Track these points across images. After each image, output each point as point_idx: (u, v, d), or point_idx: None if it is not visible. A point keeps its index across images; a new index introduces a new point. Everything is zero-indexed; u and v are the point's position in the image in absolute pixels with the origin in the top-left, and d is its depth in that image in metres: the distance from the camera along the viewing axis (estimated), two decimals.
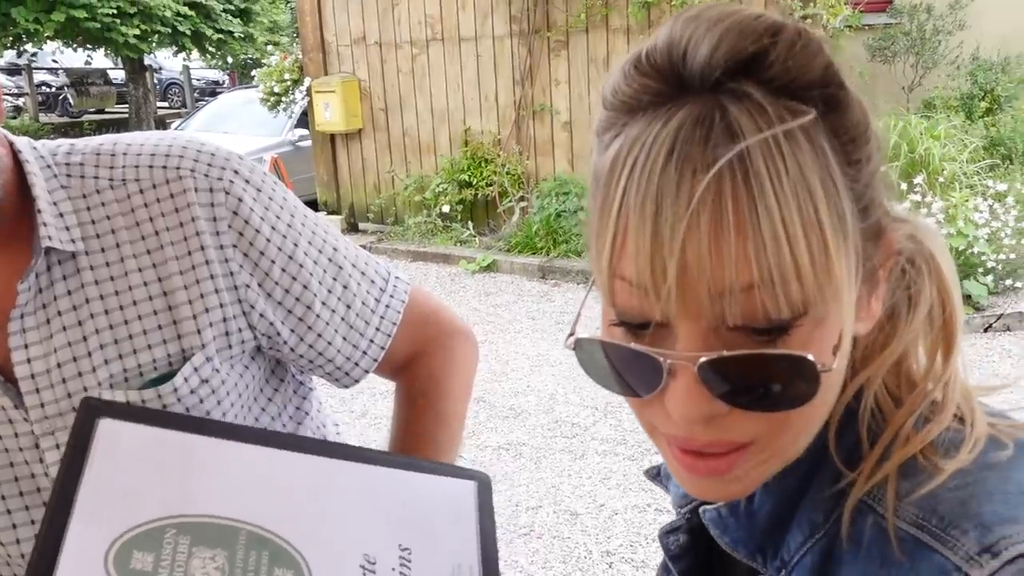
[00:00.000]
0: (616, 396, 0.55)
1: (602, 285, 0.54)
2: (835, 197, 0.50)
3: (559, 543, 3.30)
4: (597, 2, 7.08)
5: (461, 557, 0.80)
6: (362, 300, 1.02)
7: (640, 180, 0.50)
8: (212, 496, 0.70)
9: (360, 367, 1.04)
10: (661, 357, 0.52)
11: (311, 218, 1.01)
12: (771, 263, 0.48)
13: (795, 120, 0.50)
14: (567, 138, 7.56)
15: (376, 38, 8.41)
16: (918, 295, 0.61)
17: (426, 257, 7.75)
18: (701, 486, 0.58)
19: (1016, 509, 0.51)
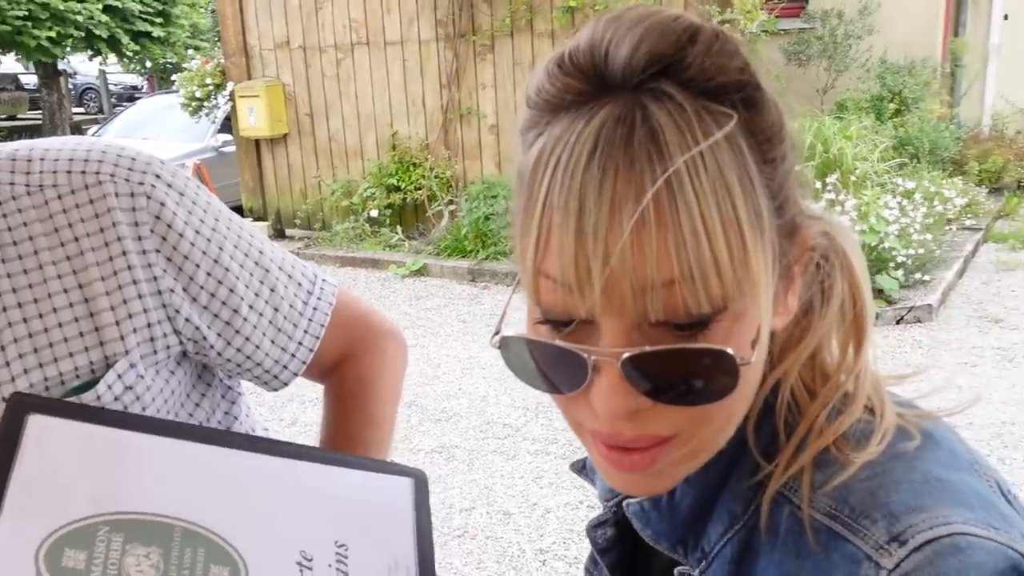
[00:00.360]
0: (546, 396, 0.57)
1: (527, 283, 0.55)
2: (752, 194, 0.52)
3: (493, 543, 3.34)
4: (522, 6, 7.14)
5: (398, 554, 0.79)
6: (289, 303, 1.01)
7: (563, 179, 0.51)
8: (145, 493, 0.69)
9: (289, 370, 1.03)
10: (586, 354, 0.52)
11: (236, 222, 1.00)
12: (691, 259, 0.49)
13: (713, 119, 0.51)
14: (494, 141, 7.61)
15: (300, 42, 8.32)
16: (831, 290, 0.62)
17: (355, 262, 7.71)
18: (625, 481, 0.58)
19: (922, 498, 0.53)
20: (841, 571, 0.53)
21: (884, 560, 0.51)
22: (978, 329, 5.26)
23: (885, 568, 0.50)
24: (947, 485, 0.54)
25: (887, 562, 0.50)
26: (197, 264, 0.93)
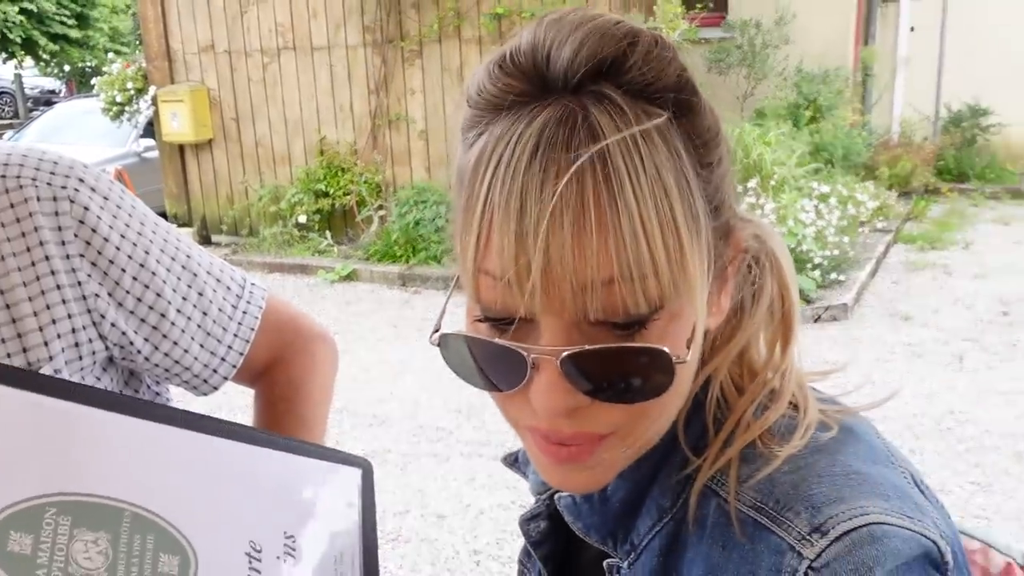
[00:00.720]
0: (479, 399, 0.58)
1: (467, 281, 0.55)
2: (689, 197, 0.52)
3: (427, 546, 3.36)
4: (449, 13, 7.19)
5: (344, 545, 0.79)
6: (218, 307, 1.00)
7: (504, 178, 0.51)
8: (96, 472, 0.65)
9: (219, 374, 1.02)
10: (525, 352, 0.53)
11: (162, 226, 0.98)
12: (631, 259, 0.49)
13: (651, 122, 0.52)
14: (424, 147, 7.63)
15: (225, 46, 8.21)
16: (761, 291, 0.64)
17: (283, 268, 7.63)
18: (562, 477, 0.59)
19: (842, 490, 0.54)
20: (766, 562, 0.54)
21: (806, 550, 0.52)
22: (890, 326, 5.50)
23: (807, 558, 0.52)
24: (865, 477, 0.55)
25: (809, 552, 0.52)
26: (123, 268, 0.91)
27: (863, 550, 0.51)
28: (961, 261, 6.94)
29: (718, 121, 0.58)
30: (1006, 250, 7.27)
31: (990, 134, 9.71)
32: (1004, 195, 9.34)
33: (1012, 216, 8.50)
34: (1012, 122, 9.54)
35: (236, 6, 8.07)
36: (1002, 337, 5.23)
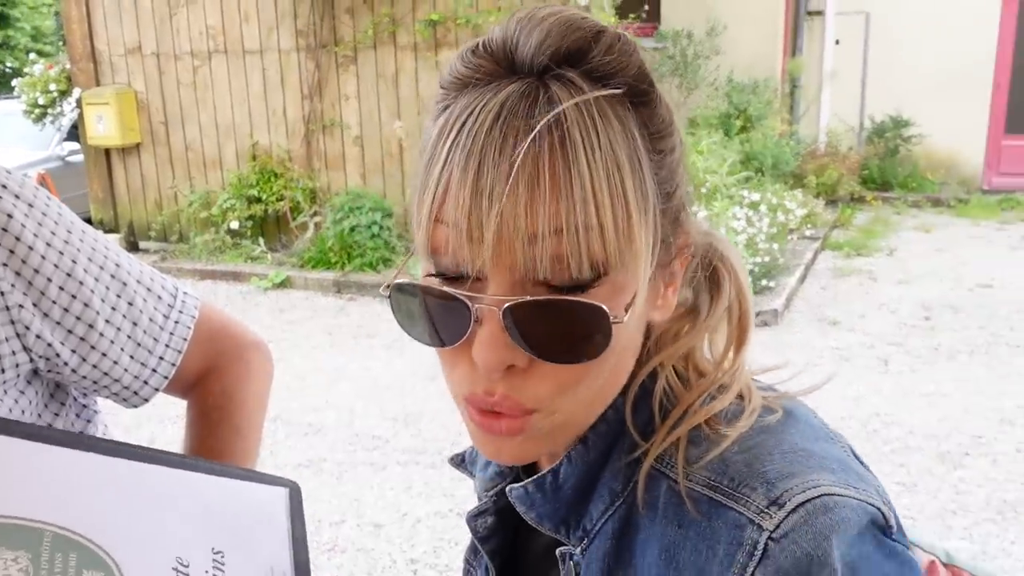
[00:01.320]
0: (416, 406, 0.59)
1: (421, 235, 0.57)
2: (640, 175, 0.56)
3: (364, 555, 3.33)
4: (384, 19, 7.15)
5: (274, 561, 0.79)
6: (149, 317, 0.98)
7: (466, 141, 0.54)
8: (15, 497, 0.66)
9: (149, 385, 1.00)
10: (470, 301, 0.55)
11: (90, 234, 0.96)
12: (579, 222, 0.53)
13: (608, 102, 0.55)
14: (359, 153, 7.57)
15: (153, 48, 8.03)
16: (718, 296, 0.67)
17: (215, 275, 7.48)
18: (495, 448, 0.61)
19: (792, 465, 0.58)
20: (725, 536, 0.57)
21: (765, 522, 0.55)
22: (818, 331, 5.65)
23: (767, 530, 0.55)
24: (811, 453, 0.59)
25: (768, 524, 0.55)
26: (49, 278, 0.88)
27: (819, 519, 0.55)
28: (886, 267, 7.17)
29: (672, 115, 0.61)
30: (928, 257, 7.53)
31: (912, 144, 10.07)
32: (925, 203, 9.70)
33: (933, 224, 8.82)
34: (932, 133, 9.91)
35: (165, 8, 7.90)
36: (925, 341, 5.41)
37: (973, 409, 4.41)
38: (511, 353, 0.56)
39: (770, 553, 0.55)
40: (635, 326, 0.61)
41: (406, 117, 7.25)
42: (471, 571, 0.82)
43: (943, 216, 9.24)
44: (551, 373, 0.57)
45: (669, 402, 0.65)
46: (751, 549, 0.56)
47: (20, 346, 0.88)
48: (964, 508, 3.49)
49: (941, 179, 10.14)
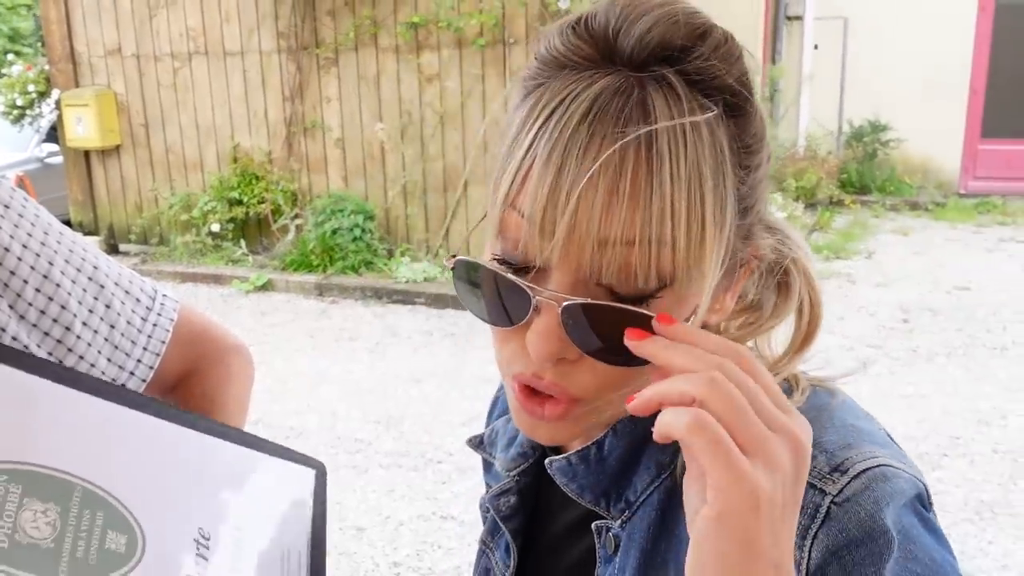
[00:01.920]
0: (398, 410, 0.59)
1: (493, 217, 0.58)
2: (722, 193, 0.55)
3: (346, 559, 3.32)
4: (365, 21, 7.14)
5: (292, 542, 0.79)
6: (127, 320, 0.97)
7: (552, 132, 0.54)
8: (51, 446, 0.66)
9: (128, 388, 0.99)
10: (531, 292, 0.56)
11: (67, 235, 0.94)
12: (653, 232, 0.52)
13: (703, 113, 0.54)
14: (340, 155, 7.55)
15: (133, 50, 7.97)
16: (788, 295, 0.67)
17: (196, 278, 7.44)
18: (534, 427, 0.61)
19: (847, 438, 0.60)
20: None
21: (829, 487, 0.57)
22: None
23: (830, 494, 0.57)
24: (861, 429, 0.62)
25: (831, 488, 0.57)
26: (25, 280, 0.87)
27: (879, 486, 0.57)
28: (864, 270, 7.23)
29: (765, 129, 0.60)
30: (906, 259, 7.60)
31: (890, 148, 10.16)
32: (903, 207, 9.79)
33: (910, 227, 8.90)
34: (909, 137, 10.00)
35: (145, 9, 7.85)
36: (903, 343, 5.47)
37: (951, 410, 4.45)
38: (563, 346, 0.56)
39: (833, 516, 0.56)
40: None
41: (388, 119, 7.24)
42: (487, 554, 0.82)
43: (921, 219, 9.33)
44: (600, 369, 0.57)
45: None
46: (813, 512, 0.57)
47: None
48: (942, 508, 3.53)
49: (919, 183, 10.24)
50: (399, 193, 7.31)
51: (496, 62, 6.79)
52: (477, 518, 3.43)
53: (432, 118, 7.10)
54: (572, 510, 0.72)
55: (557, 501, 0.74)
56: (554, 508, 0.74)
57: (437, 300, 6.53)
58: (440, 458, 4.09)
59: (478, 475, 3.39)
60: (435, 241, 7.28)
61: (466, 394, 4.86)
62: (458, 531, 3.47)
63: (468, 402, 4.73)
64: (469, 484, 3.82)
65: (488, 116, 6.83)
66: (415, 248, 7.27)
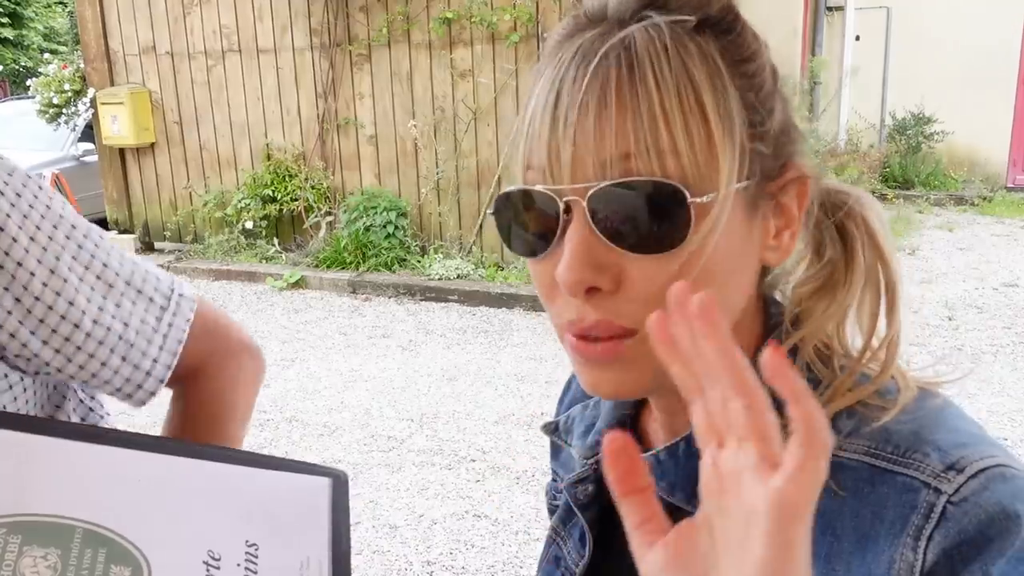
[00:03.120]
0: (431, 407, 0.55)
1: (518, 180, 0.61)
2: (722, 92, 0.56)
3: (379, 557, 3.28)
4: (398, 17, 7.11)
5: (310, 551, 0.80)
6: (140, 319, 0.96)
7: (547, 83, 0.58)
8: (49, 496, 0.68)
9: (145, 389, 0.99)
10: (557, 194, 0.57)
11: (80, 230, 0.93)
12: (647, 136, 0.54)
13: (685, 33, 0.57)
14: (373, 152, 7.53)
15: (167, 48, 8.02)
16: (852, 263, 0.65)
17: (230, 275, 7.47)
18: (594, 377, 0.61)
19: (960, 437, 0.58)
20: (894, 500, 0.56)
21: (944, 486, 0.55)
22: None
23: (945, 492, 0.54)
24: (971, 431, 0.59)
25: (947, 487, 0.55)
26: (32, 272, 0.86)
27: (998, 486, 0.54)
28: (907, 267, 7.07)
29: (760, 43, 0.61)
30: (951, 255, 7.43)
31: (934, 142, 9.95)
32: (948, 201, 9.57)
33: (956, 222, 8.70)
34: (955, 130, 9.78)
35: (179, 7, 7.90)
36: (948, 342, 5.33)
37: (997, 410, 4.34)
38: (597, 245, 0.57)
39: (949, 515, 0.54)
40: (737, 249, 0.59)
41: (421, 116, 7.21)
42: (558, 543, 0.80)
43: (966, 214, 9.12)
44: (639, 292, 0.57)
45: (811, 381, 0.63)
46: (927, 511, 0.55)
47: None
48: None
49: (964, 177, 10.01)
50: (432, 190, 7.28)
51: (530, 57, 6.72)
52: (510, 517, 3.38)
53: (465, 114, 7.06)
54: (675, 504, 0.69)
55: None
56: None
57: (470, 297, 6.49)
58: (473, 456, 4.04)
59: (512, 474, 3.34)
60: (468, 238, 7.24)
61: (499, 392, 4.80)
62: (491, 530, 3.42)
63: (502, 400, 4.68)
64: (503, 482, 3.77)
65: (521, 112, 6.77)
66: (448, 245, 7.23)
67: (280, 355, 5.51)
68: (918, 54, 9.92)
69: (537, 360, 5.25)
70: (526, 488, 3.72)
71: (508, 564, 3.20)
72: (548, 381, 4.88)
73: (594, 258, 0.57)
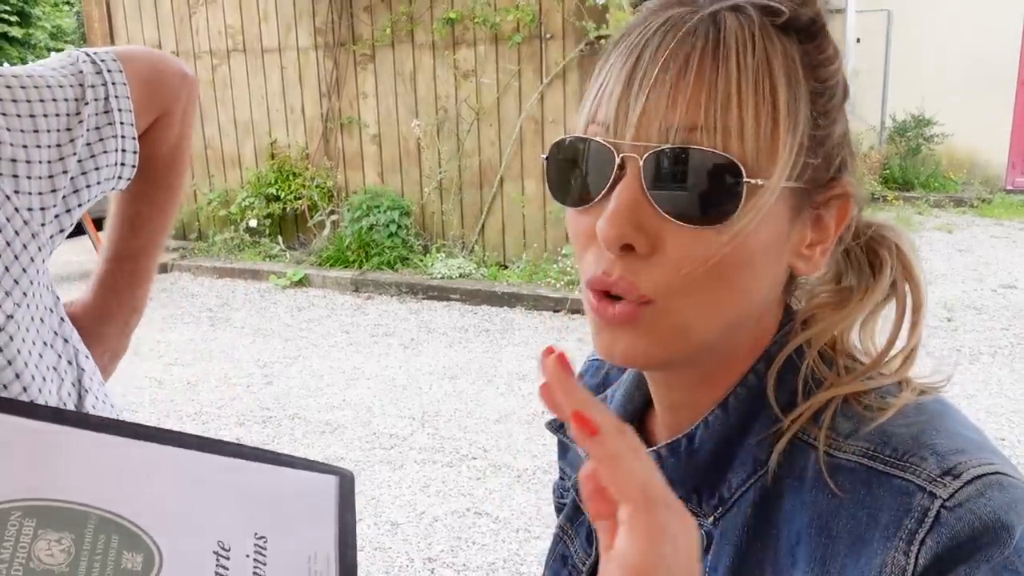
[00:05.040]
0: (433, 405, 0.58)
1: (580, 132, 0.61)
2: (795, 89, 0.57)
3: (381, 554, 3.32)
4: (402, 17, 7.15)
5: (318, 545, 0.81)
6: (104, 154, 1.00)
7: (629, 48, 0.58)
8: (64, 483, 0.70)
9: (123, 178, 1.04)
10: (615, 148, 0.58)
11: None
12: (718, 113, 0.55)
13: (773, 27, 0.58)
14: (376, 151, 7.57)
15: (173, 47, 8.06)
16: (877, 281, 0.65)
17: (233, 273, 7.51)
18: (609, 338, 0.61)
19: (958, 443, 0.57)
20: (888, 503, 0.56)
21: (939, 491, 0.54)
22: None
23: (940, 497, 0.54)
24: (971, 437, 0.59)
25: (942, 492, 0.54)
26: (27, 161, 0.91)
27: (994, 494, 0.54)
28: None
29: (839, 56, 0.62)
30: (950, 257, 7.45)
31: (934, 143, 9.96)
32: (947, 203, 9.59)
33: (955, 224, 8.72)
34: (955, 132, 9.80)
35: (184, 7, 7.94)
36: (947, 343, 5.34)
37: (996, 411, 4.34)
38: (645, 203, 0.57)
39: (943, 521, 0.54)
40: (771, 247, 0.59)
41: (424, 115, 7.24)
42: (565, 541, 0.80)
43: (965, 216, 9.14)
44: (671, 262, 0.57)
45: (815, 382, 0.63)
46: (920, 516, 0.55)
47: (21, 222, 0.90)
48: None
49: (964, 179, 10.03)
50: (435, 189, 7.31)
51: (532, 58, 6.76)
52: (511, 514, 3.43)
53: (468, 114, 7.09)
54: None
55: None
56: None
57: (472, 296, 6.52)
58: (475, 454, 4.08)
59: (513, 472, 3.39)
60: (470, 237, 7.27)
61: (501, 390, 4.83)
62: (492, 527, 3.45)
63: (503, 398, 4.71)
64: (504, 480, 3.80)
65: (524, 112, 6.80)
66: (450, 244, 7.26)
67: (283, 353, 5.55)
68: (918, 57, 9.94)
69: (538, 359, 5.27)
70: (527, 486, 3.75)
71: (508, 561, 3.23)
72: None
73: (637, 218, 0.57)
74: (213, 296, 6.99)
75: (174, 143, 1.13)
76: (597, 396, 0.80)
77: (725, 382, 0.65)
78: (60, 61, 1.00)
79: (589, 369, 0.86)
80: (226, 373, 5.23)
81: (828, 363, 0.64)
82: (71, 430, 0.74)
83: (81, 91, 0.98)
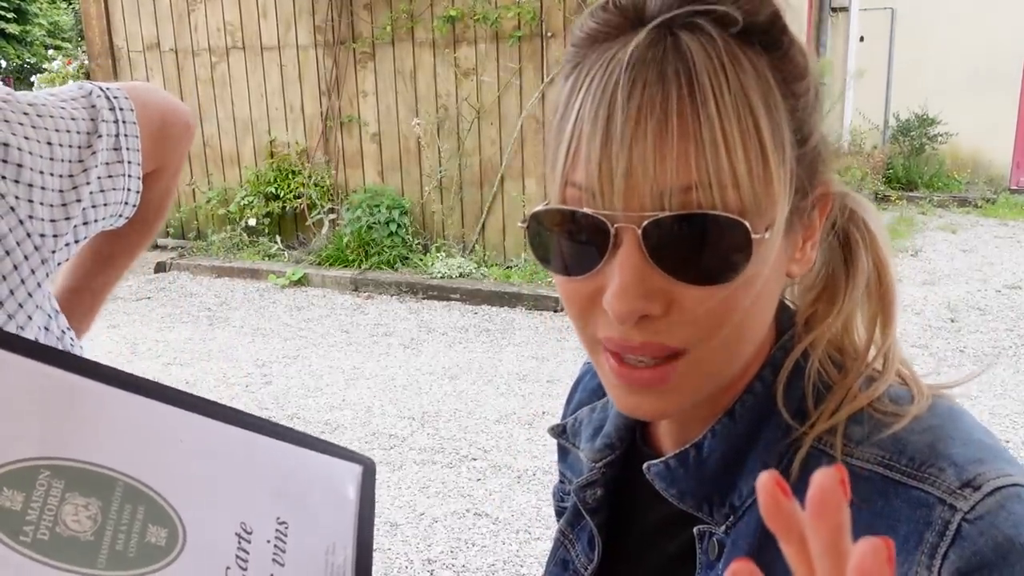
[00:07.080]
0: (432, 406, 0.55)
1: (554, 194, 0.58)
2: (776, 117, 0.54)
3: (380, 555, 3.29)
4: (402, 15, 7.11)
5: (336, 537, 0.80)
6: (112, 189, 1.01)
7: (596, 93, 0.54)
8: (94, 443, 0.68)
9: (127, 212, 1.05)
10: (609, 221, 0.54)
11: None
12: (709, 167, 0.52)
13: (740, 49, 0.54)
14: (376, 150, 7.53)
15: (171, 45, 8.03)
16: (855, 266, 0.64)
17: (232, 272, 7.47)
18: (636, 401, 0.59)
19: (976, 453, 0.56)
20: (907, 515, 0.55)
21: (959, 503, 0.53)
22: None
23: (961, 510, 0.53)
24: (989, 445, 0.57)
25: (963, 504, 0.53)
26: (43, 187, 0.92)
27: (1015, 506, 0.53)
28: (910, 268, 7.06)
29: (807, 60, 0.59)
30: (954, 257, 7.42)
31: (937, 143, 9.94)
32: (951, 203, 9.56)
33: (959, 224, 8.69)
34: (959, 131, 9.77)
35: (183, 4, 7.90)
36: (950, 343, 5.32)
37: (999, 412, 4.33)
38: (650, 274, 0.54)
39: (965, 534, 0.52)
40: (774, 267, 0.58)
41: (424, 114, 7.21)
42: (566, 546, 0.79)
43: (970, 216, 9.11)
44: (689, 313, 0.55)
45: (823, 384, 0.62)
46: (942, 529, 0.53)
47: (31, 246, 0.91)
48: None
49: (967, 178, 10.00)
50: (435, 188, 7.28)
51: (533, 56, 6.72)
52: (511, 515, 3.39)
53: (468, 113, 7.06)
54: (663, 507, 0.68)
55: (646, 496, 0.70)
56: (643, 504, 0.71)
57: (472, 296, 6.49)
58: (475, 455, 4.05)
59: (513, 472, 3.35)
60: (471, 236, 7.24)
61: (501, 391, 4.80)
62: (492, 528, 3.42)
63: (503, 399, 4.68)
64: (504, 481, 3.77)
65: (525, 111, 6.77)
66: (451, 243, 7.23)
67: (282, 352, 5.52)
68: (922, 55, 9.91)
69: (539, 359, 5.25)
70: (527, 487, 3.72)
71: (508, 563, 3.20)
72: (549, 380, 4.88)
73: (646, 287, 0.54)
74: (212, 295, 6.95)
75: (163, 190, 1.14)
76: (598, 399, 0.79)
77: (731, 391, 0.64)
78: (72, 93, 1.02)
79: (589, 371, 0.84)
80: (225, 373, 5.20)
81: (834, 363, 0.63)
82: (98, 385, 0.71)
83: (94, 125, 0.99)
